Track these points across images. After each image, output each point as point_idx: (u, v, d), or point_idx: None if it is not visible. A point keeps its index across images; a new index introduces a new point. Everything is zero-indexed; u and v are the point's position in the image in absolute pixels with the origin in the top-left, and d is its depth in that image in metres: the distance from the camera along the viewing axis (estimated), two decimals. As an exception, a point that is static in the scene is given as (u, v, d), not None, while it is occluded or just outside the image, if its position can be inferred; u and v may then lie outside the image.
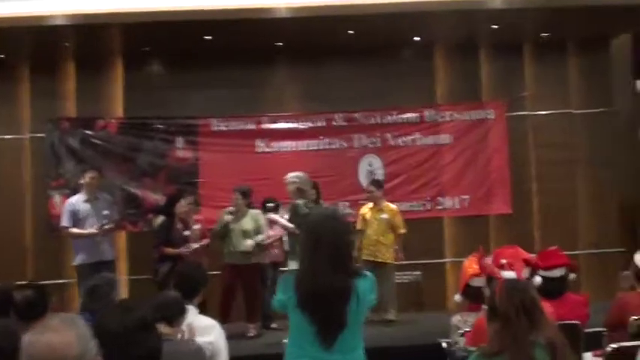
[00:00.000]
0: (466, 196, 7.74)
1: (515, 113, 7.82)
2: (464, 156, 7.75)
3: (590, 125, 7.85)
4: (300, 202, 5.95)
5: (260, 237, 6.35)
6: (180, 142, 7.51)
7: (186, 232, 6.24)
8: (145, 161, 7.46)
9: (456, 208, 7.75)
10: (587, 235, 7.84)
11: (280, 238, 6.66)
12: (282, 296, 2.48)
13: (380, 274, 6.54)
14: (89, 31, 6.65)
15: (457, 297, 3.59)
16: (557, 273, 3.46)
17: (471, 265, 3.54)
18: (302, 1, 6.47)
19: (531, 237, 7.68)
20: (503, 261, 3.01)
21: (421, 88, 7.80)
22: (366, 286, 2.40)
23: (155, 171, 7.47)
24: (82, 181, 6.39)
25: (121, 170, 7.41)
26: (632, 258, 3.90)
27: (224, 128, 7.59)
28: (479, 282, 3.31)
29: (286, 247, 6.39)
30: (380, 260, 6.67)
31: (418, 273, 7.69)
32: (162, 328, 2.74)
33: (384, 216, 6.75)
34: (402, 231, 6.75)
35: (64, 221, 6.24)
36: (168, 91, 7.54)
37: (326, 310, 2.33)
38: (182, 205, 6.25)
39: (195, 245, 6.21)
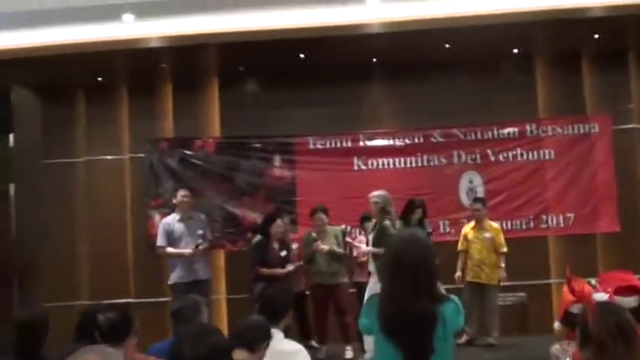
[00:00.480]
0: (571, 214, 7.95)
1: (621, 126, 8.03)
2: (568, 172, 7.98)
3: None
4: (387, 222, 6.27)
5: (338, 249, 6.72)
6: (277, 160, 8.00)
7: (283, 253, 6.64)
8: (243, 180, 7.94)
9: (561, 226, 7.96)
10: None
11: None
12: (366, 320, 2.56)
13: (483, 295, 6.90)
14: (185, 53, 7.20)
15: (557, 325, 3.58)
16: None
17: (569, 290, 3.56)
18: (395, 16, 6.84)
19: (641, 256, 7.81)
20: (593, 281, 3.09)
21: (522, 102, 8.10)
22: (451, 310, 2.42)
23: (253, 190, 7.95)
24: (175, 201, 6.90)
25: (220, 189, 7.91)
26: None
27: (321, 146, 8.04)
28: (579, 309, 3.19)
29: (371, 268, 6.55)
30: (484, 282, 6.94)
31: (522, 294, 7.90)
32: (241, 354, 2.82)
33: (488, 235, 7.02)
34: (505, 250, 6.99)
35: (160, 241, 6.74)
36: (264, 110, 8.07)
37: (410, 336, 2.37)
38: (278, 225, 6.66)
39: (291, 267, 6.60)
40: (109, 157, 8.14)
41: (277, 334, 3.28)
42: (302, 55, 7.46)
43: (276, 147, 7.99)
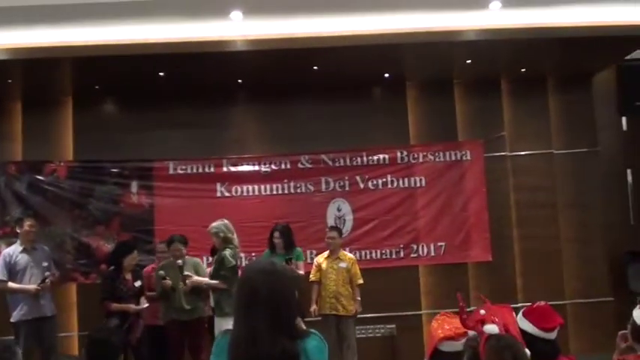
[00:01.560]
0: (442, 243, 8.97)
1: (493, 154, 9.14)
2: (439, 199, 9.02)
3: (573, 166, 9.23)
4: (226, 252, 6.99)
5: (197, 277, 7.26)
6: (134, 186, 8.70)
7: (138, 283, 7.18)
8: (97, 207, 8.62)
9: (432, 255, 8.98)
10: (574, 283, 9.10)
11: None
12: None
13: (342, 328, 7.73)
14: (34, 67, 7.70)
15: None
16: (553, 335, 3.44)
17: (441, 325, 3.62)
18: (260, 33, 7.49)
19: (513, 286, 8.96)
20: (482, 312, 3.21)
21: (392, 127, 9.10)
22: (314, 346, 2.46)
23: (108, 218, 8.64)
24: (19, 230, 7.34)
25: (72, 217, 8.56)
26: (622, 308, 4.32)
27: (181, 172, 8.80)
28: (450, 346, 3.46)
29: (211, 302, 7.24)
30: (342, 314, 7.70)
31: (392, 326, 8.87)
32: None
33: (343, 265, 7.78)
34: (361, 282, 7.76)
35: (1, 273, 7.05)
36: (121, 132, 8.77)
37: None
38: (133, 257, 7.23)
39: (145, 303, 7.14)
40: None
41: None
42: (161, 74, 8.16)
43: (134, 172, 8.68)
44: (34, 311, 7.06)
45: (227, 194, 8.83)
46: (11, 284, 7.07)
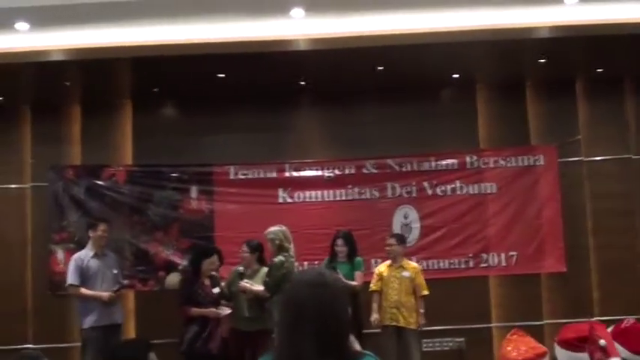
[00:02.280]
0: (514, 253, 8.67)
1: (567, 159, 8.82)
2: (511, 207, 8.72)
3: (652, 172, 8.81)
4: (278, 259, 6.80)
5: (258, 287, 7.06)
6: (194, 191, 8.60)
7: (216, 290, 6.88)
8: (156, 213, 8.54)
9: (503, 265, 8.68)
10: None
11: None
12: None
13: (403, 340, 7.42)
14: (92, 68, 7.62)
15: None
16: None
17: (516, 347, 3.46)
18: (322, 31, 7.30)
19: (589, 298, 8.58)
20: (603, 342, 3.03)
21: (462, 131, 8.84)
22: None
23: (167, 224, 8.55)
24: (92, 234, 7.18)
25: (131, 223, 8.51)
26: None
27: (242, 177, 8.67)
28: None
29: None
30: (402, 325, 7.39)
31: (461, 339, 8.56)
32: None
33: (406, 274, 7.48)
34: (426, 293, 7.44)
35: (72, 278, 6.91)
36: (181, 136, 8.69)
37: None
38: (212, 262, 6.91)
39: (227, 309, 6.84)
40: (8, 185, 8.68)
41: None
42: (221, 75, 8.02)
43: (193, 177, 8.59)
44: (104, 318, 6.93)
45: (289, 200, 8.68)
46: (84, 290, 6.94)
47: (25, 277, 8.51)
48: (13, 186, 8.68)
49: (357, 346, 2.42)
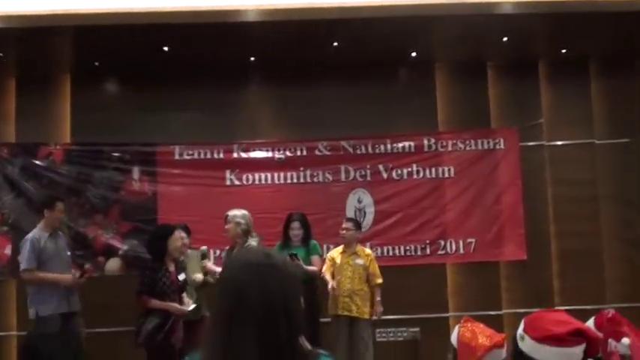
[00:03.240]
0: (472, 239, 8.47)
1: (529, 143, 8.63)
2: (469, 192, 8.51)
3: (617, 157, 8.68)
4: (253, 243, 6.49)
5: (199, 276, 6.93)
6: (136, 172, 8.26)
7: (182, 277, 6.40)
8: (96, 195, 8.18)
9: (461, 253, 8.48)
10: (616, 286, 8.55)
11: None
12: None
13: (355, 331, 7.22)
14: (28, 37, 7.23)
15: None
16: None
17: (478, 333, 3.13)
18: (274, 2, 7.03)
19: (549, 287, 8.46)
20: (627, 342, 2.74)
21: (420, 112, 8.59)
22: None
23: (107, 206, 8.20)
24: (47, 214, 6.73)
25: (68, 205, 7.97)
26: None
27: (188, 157, 8.35)
28: (495, 356, 3.03)
29: None
30: (355, 315, 7.19)
31: (416, 329, 8.37)
32: None
33: (360, 261, 7.27)
34: (380, 281, 7.27)
35: (28, 262, 6.45)
36: (123, 113, 8.31)
37: None
38: (177, 238, 6.38)
39: (193, 305, 6.38)
40: None
41: None
42: (166, 48, 7.69)
43: (136, 157, 8.26)
44: (66, 304, 6.56)
45: (237, 182, 8.38)
46: (43, 274, 6.51)
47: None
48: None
49: (307, 345, 1.87)
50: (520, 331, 2.45)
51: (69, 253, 6.88)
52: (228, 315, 1.72)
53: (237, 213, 6.73)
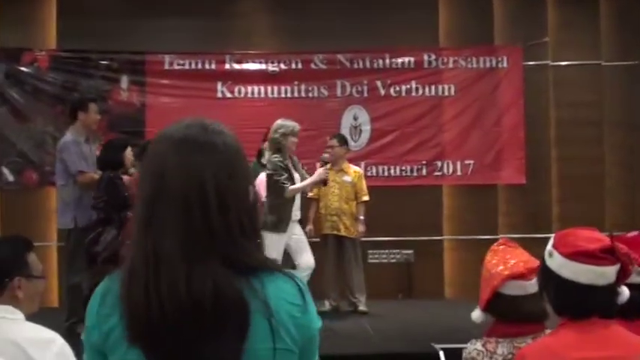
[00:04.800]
0: (470, 161, 8.41)
1: (533, 62, 8.49)
2: (469, 112, 8.41)
3: (624, 80, 8.56)
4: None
5: None
6: (124, 81, 8.17)
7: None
8: (82, 104, 8.04)
9: (458, 174, 8.43)
10: (616, 213, 8.51)
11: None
12: (95, 334, 1.47)
13: (344, 251, 7.23)
14: None
15: (476, 314, 2.85)
16: None
17: (502, 259, 2.87)
18: None
19: (548, 213, 8.41)
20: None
21: (420, 26, 8.46)
22: (284, 295, 1.46)
23: (94, 116, 8.07)
24: (81, 116, 6.42)
25: (54, 114, 8.02)
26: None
27: (178, 67, 8.24)
28: (518, 288, 2.73)
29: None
30: (344, 234, 7.20)
31: (409, 252, 8.37)
32: None
33: (347, 178, 7.25)
34: (366, 198, 7.23)
35: (79, 164, 6.22)
36: (112, 18, 8.13)
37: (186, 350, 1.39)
38: (129, 154, 6.38)
39: None
40: None
41: (8, 313, 2.59)
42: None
43: (124, 65, 8.16)
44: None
45: (228, 95, 8.29)
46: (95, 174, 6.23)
47: None
48: None
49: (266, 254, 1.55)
50: (549, 247, 2.28)
51: None
52: (149, 198, 1.46)
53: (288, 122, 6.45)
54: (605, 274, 2.16)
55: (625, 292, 2.19)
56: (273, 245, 5.91)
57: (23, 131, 7.94)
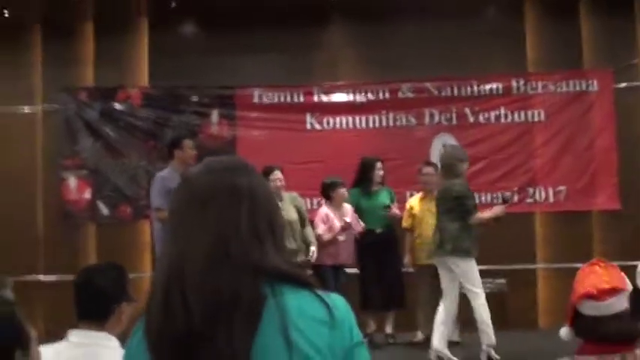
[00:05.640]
0: (563, 187, 8.34)
1: (624, 84, 8.43)
2: (560, 137, 8.37)
3: None
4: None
5: (312, 230, 7.07)
6: (215, 116, 8.41)
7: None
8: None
9: (551, 201, 8.37)
10: None
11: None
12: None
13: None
14: None
15: (564, 331, 2.86)
16: None
17: (587, 276, 2.85)
18: None
19: (646, 239, 8.20)
20: None
21: (508, 53, 8.53)
22: (308, 310, 1.45)
23: (185, 150, 8.31)
24: (177, 153, 6.57)
25: (147, 149, 8.33)
26: None
27: (267, 100, 8.44)
28: (593, 308, 2.71)
29: None
30: None
31: (502, 281, 8.25)
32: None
33: None
34: None
35: (159, 202, 6.35)
36: (201, 56, 8.44)
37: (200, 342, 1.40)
38: (189, 146, 6.50)
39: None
40: (18, 107, 8.47)
41: (104, 340, 2.66)
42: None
43: (214, 100, 8.41)
44: None
45: (317, 126, 8.45)
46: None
47: (35, 205, 8.39)
48: (23, 109, 8.50)
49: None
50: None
51: None
52: (181, 214, 1.51)
53: None
54: None
55: None
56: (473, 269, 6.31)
57: (117, 166, 8.23)
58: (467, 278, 6.34)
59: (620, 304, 2.62)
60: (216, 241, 1.43)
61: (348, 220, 6.98)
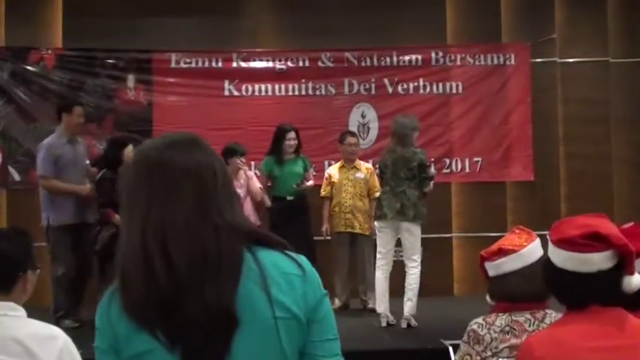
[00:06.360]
0: (479, 158, 8.56)
1: (541, 59, 8.62)
2: (477, 109, 8.55)
3: (632, 77, 8.65)
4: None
5: None
6: (131, 80, 8.28)
7: None
8: (89, 103, 8.05)
9: (467, 172, 8.58)
10: (625, 211, 8.56)
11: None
12: (107, 335, 1.60)
13: (357, 248, 7.43)
14: None
15: (488, 296, 2.99)
16: None
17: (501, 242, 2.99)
18: None
19: (557, 210, 8.44)
20: None
21: (428, 23, 8.58)
22: (281, 266, 1.61)
23: (100, 115, 8.19)
24: (65, 118, 6.67)
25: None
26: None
27: (185, 66, 8.35)
28: (489, 268, 2.90)
29: None
30: (358, 232, 7.36)
31: (419, 249, 8.44)
32: None
33: (360, 175, 7.42)
34: (378, 194, 7.22)
35: (44, 169, 6.44)
36: (118, 17, 8.26)
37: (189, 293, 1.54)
38: (130, 152, 6.59)
39: None
40: None
41: (10, 311, 2.57)
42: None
43: (131, 64, 8.27)
44: (76, 215, 6.56)
45: (236, 93, 8.40)
46: (59, 183, 6.53)
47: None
48: None
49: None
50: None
51: (87, 162, 6.87)
52: (138, 184, 1.63)
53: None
54: (589, 261, 2.09)
55: (632, 280, 2.10)
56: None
57: (29, 131, 8.01)
58: (416, 246, 6.55)
59: (512, 264, 2.81)
60: (195, 205, 1.57)
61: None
